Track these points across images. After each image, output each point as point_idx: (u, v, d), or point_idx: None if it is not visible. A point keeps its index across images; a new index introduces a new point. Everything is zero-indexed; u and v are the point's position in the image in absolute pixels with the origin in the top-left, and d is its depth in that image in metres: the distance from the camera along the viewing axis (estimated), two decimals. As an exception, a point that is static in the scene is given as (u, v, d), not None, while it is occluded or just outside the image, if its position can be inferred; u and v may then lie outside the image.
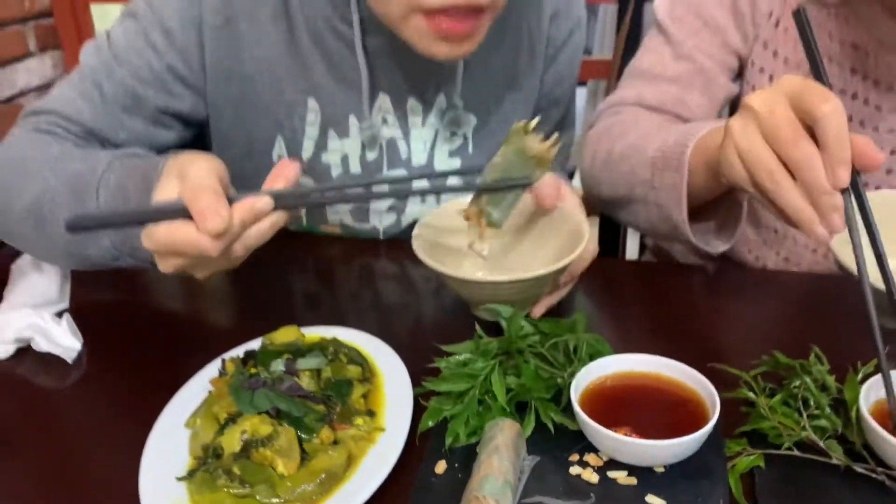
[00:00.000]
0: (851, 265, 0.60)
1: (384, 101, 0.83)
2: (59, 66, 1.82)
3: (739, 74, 0.87)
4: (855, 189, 0.55)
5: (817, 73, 0.56)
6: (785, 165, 0.55)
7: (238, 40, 0.79)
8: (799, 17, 0.55)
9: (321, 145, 0.85)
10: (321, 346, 0.61)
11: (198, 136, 0.88)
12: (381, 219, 0.91)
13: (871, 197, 0.63)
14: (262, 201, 0.55)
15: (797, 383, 0.57)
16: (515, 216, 0.71)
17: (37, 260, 0.80)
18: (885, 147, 0.79)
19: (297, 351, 0.59)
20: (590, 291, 0.75)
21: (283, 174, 0.58)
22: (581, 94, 2.43)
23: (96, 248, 0.66)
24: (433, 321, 0.75)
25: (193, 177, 0.54)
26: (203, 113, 0.84)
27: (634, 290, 0.79)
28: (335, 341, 0.63)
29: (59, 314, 0.74)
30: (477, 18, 0.66)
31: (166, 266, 0.57)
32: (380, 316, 0.75)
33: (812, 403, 0.56)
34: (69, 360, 0.69)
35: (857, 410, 0.53)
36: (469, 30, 0.66)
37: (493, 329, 0.63)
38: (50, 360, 0.69)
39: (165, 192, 0.55)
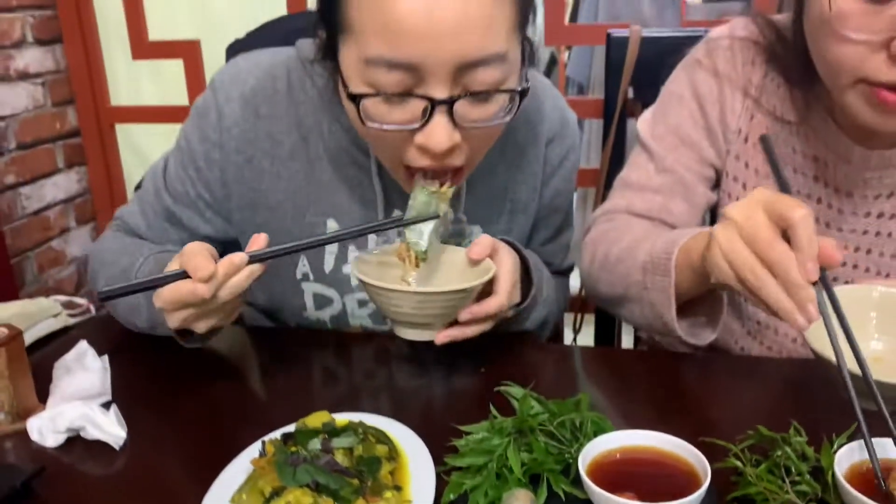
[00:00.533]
0: (824, 352, 0.68)
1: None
2: (83, 181, 1.94)
3: (717, 184, 0.97)
4: (825, 283, 0.64)
5: (783, 186, 0.66)
6: (764, 264, 0.65)
7: (260, 175, 0.91)
8: (765, 142, 0.66)
9: (341, 258, 0.94)
10: (352, 428, 0.68)
11: None
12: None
13: (840, 290, 0.73)
14: (238, 257, 0.74)
15: (779, 453, 0.64)
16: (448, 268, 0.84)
17: (80, 357, 0.87)
18: (849, 245, 0.89)
19: (332, 431, 0.66)
20: (591, 375, 0.83)
21: (257, 243, 0.76)
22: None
23: (139, 320, 0.89)
24: (446, 404, 0.82)
25: (188, 249, 0.74)
26: (232, 235, 0.96)
27: (631, 375, 0.86)
28: (362, 424, 0.70)
29: (105, 405, 0.81)
30: None
31: (174, 320, 0.76)
32: (398, 401, 0.82)
33: (793, 471, 0.63)
34: (116, 447, 0.75)
35: (833, 476, 0.60)
36: None
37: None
38: (97, 448, 0.75)
39: (170, 267, 0.75)
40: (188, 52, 1.75)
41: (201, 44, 1.78)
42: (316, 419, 0.69)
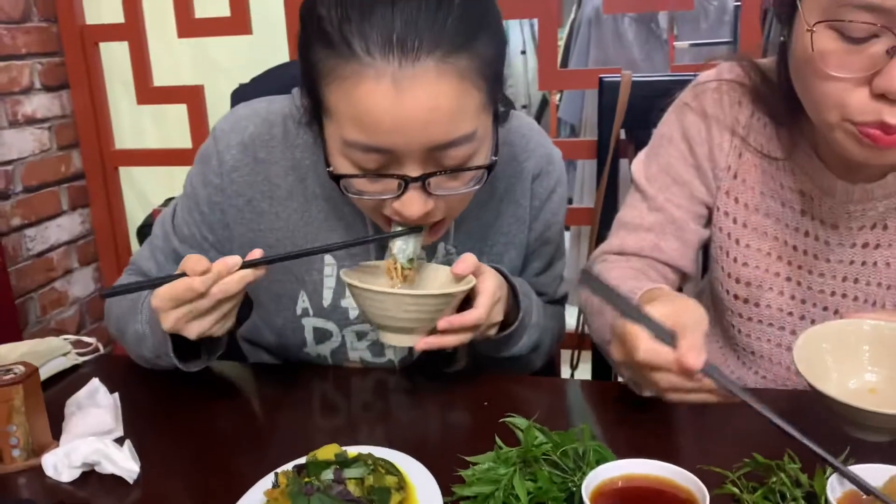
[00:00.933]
0: (816, 382, 0.71)
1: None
2: (86, 223, 1.98)
3: (710, 220, 1.01)
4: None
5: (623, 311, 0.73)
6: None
7: (260, 216, 0.96)
8: (586, 275, 0.73)
9: (339, 292, 0.98)
10: (362, 459, 0.70)
11: None
12: (395, 352, 1.01)
13: (831, 324, 0.77)
14: (232, 258, 0.80)
15: (774, 479, 0.67)
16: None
17: (91, 394, 0.90)
18: (836, 275, 0.92)
19: (344, 462, 0.68)
20: (591, 407, 0.85)
21: (253, 255, 0.83)
22: (566, 237, 2.62)
23: (146, 349, 0.93)
24: (451, 436, 0.84)
25: (186, 257, 0.80)
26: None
27: (630, 406, 0.89)
28: (371, 455, 0.72)
29: (118, 440, 0.83)
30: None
31: (168, 320, 0.80)
32: (403, 434, 0.84)
33: (788, 496, 0.65)
34: (130, 481, 0.77)
35: (826, 500, 0.62)
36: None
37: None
38: (111, 482, 0.77)
39: None
40: (192, 96, 1.80)
41: (204, 89, 1.83)
42: (327, 451, 0.71)
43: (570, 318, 1.18)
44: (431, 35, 0.73)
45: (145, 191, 2.18)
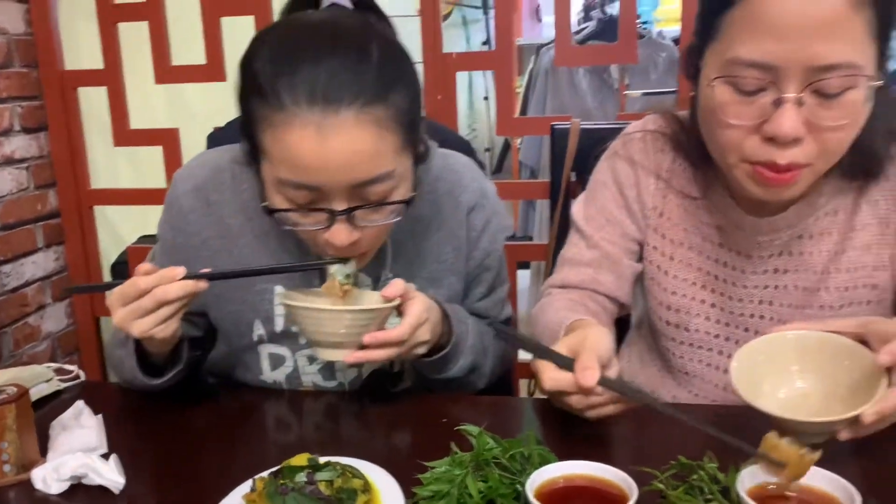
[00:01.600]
0: (753, 401, 0.82)
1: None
2: (60, 259, 2.03)
3: (642, 255, 1.12)
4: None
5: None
6: None
7: (215, 253, 1.06)
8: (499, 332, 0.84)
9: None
10: (332, 465, 0.78)
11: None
12: (345, 375, 1.10)
13: (758, 341, 0.87)
14: (177, 269, 0.89)
15: (696, 477, 0.76)
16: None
17: (77, 415, 0.96)
18: (753, 299, 1.04)
19: (315, 467, 0.76)
20: (538, 419, 0.94)
21: (203, 271, 0.91)
22: (525, 274, 2.73)
23: (126, 370, 1.01)
24: (411, 446, 0.92)
25: None
26: (201, 308, 1.10)
27: (573, 418, 0.97)
28: (339, 463, 0.80)
29: (103, 456, 0.89)
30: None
31: (116, 317, 0.89)
32: (367, 447, 0.92)
33: (706, 490, 0.75)
34: (116, 492, 0.83)
35: (737, 493, 0.72)
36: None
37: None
38: (98, 493, 0.83)
39: None
40: (167, 139, 1.89)
41: (179, 132, 1.92)
42: (299, 459, 0.79)
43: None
44: (351, 89, 0.83)
45: (119, 229, 2.24)
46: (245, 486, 0.78)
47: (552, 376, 0.83)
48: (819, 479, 0.72)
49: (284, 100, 0.83)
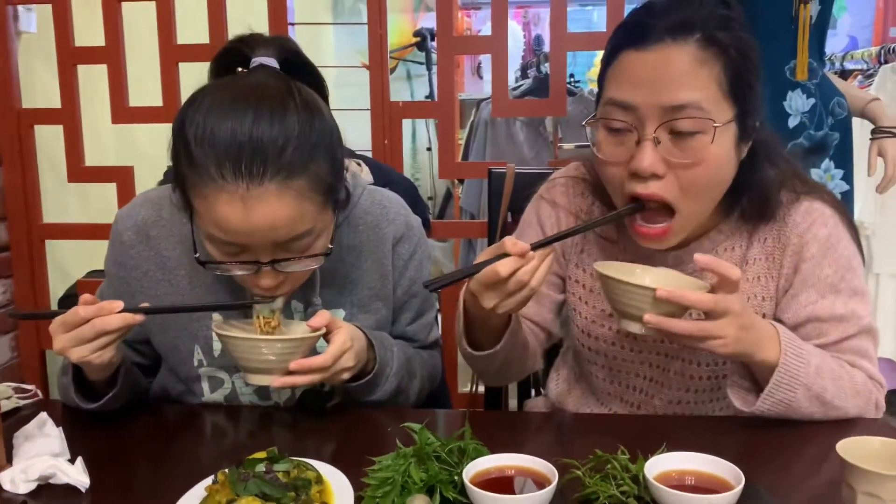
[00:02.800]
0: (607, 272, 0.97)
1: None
2: (7, 293, 2.04)
3: (564, 287, 1.25)
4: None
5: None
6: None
7: (155, 284, 1.16)
8: None
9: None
10: (287, 458, 0.86)
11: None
12: (279, 395, 1.18)
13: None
14: (116, 302, 0.97)
15: (610, 466, 0.87)
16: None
17: (40, 425, 1.02)
18: (651, 338, 1.14)
19: (273, 459, 0.84)
20: (475, 424, 1.04)
21: (143, 305, 1.01)
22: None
23: (71, 396, 1.07)
24: (360, 447, 1.01)
25: None
26: (146, 337, 1.19)
27: (503, 418, 1.08)
28: (294, 458, 0.88)
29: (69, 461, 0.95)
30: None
31: (56, 343, 0.97)
32: (321, 448, 1.01)
33: (619, 478, 0.86)
34: (83, 490, 0.89)
35: (644, 477, 0.83)
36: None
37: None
38: (64, 492, 0.90)
39: None
40: (121, 176, 1.95)
41: (134, 170, 1.99)
42: (259, 455, 0.87)
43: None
44: (274, 164, 0.93)
45: (65, 264, 2.27)
46: (209, 480, 0.86)
47: (496, 267, 0.92)
48: (709, 463, 0.85)
49: (212, 173, 0.92)
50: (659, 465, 0.85)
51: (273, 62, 1.05)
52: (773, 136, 1.12)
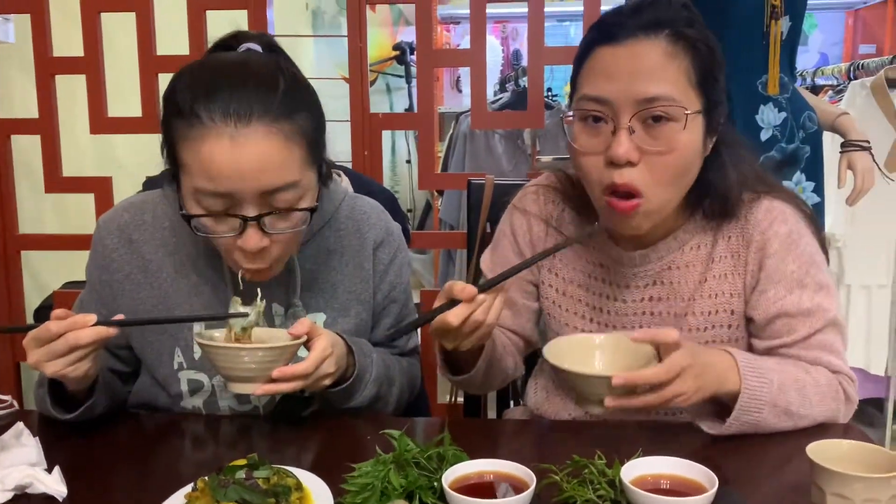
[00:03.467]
0: (561, 365, 0.98)
1: (250, 318, 1.13)
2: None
3: (539, 294, 1.27)
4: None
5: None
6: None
7: (137, 286, 1.16)
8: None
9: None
10: (267, 465, 0.87)
11: None
12: (259, 399, 1.18)
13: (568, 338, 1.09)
14: (89, 316, 0.97)
15: (587, 471, 0.89)
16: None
17: (17, 435, 1.01)
18: (634, 326, 1.18)
19: (253, 465, 0.85)
20: (454, 430, 1.05)
21: (117, 317, 1.01)
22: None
23: (47, 407, 1.06)
24: (340, 454, 1.01)
25: None
26: (126, 342, 1.18)
27: (482, 426, 1.09)
28: (275, 465, 0.89)
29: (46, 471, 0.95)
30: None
31: (30, 357, 0.97)
32: (300, 456, 1.01)
33: (595, 482, 0.87)
34: (60, 499, 0.89)
35: (621, 482, 0.85)
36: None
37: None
38: (41, 502, 0.89)
39: None
40: (100, 187, 1.94)
41: (112, 181, 1.98)
42: (239, 462, 0.88)
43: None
44: (260, 109, 0.97)
45: (41, 275, 2.25)
46: (187, 488, 0.86)
47: (446, 318, 0.97)
48: (683, 467, 0.86)
49: (202, 116, 0.96)
50: (635, 470, 0.87)
51: (259, 49, 1.09)
52: (736, 139, 1.16)
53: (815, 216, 1.18)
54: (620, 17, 1.04)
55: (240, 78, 0.99)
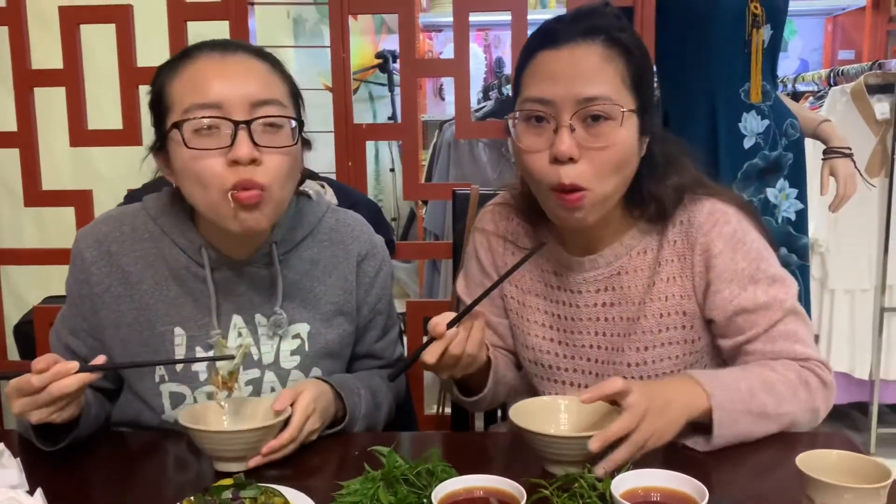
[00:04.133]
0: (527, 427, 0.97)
1: (238, 319, 1.17)
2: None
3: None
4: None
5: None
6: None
7: (117, 299, 1.15)
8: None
9: (190, 357, 1.15)
10: (254, 484, 0.85)
11: None
12: (244, 394, 1.17)
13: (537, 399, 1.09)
14: (70, 363, 0.96)
15: (577, 485, 0.88)
16: None
17: (-1, 456, 0.99)
18: (589, 331, 1.20)
19: (240, 485, 0.83)
20: (442, 443, 1.04)
21: (97, 361, 1.00)
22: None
23: (30, 436, 1.06)
24: (328, 472, 1.00)
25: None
26: (109, 354, 1.16)
27: (470, 440, 1.09)
28: (262, 484, 0.87)
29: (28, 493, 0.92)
30: None
31: (15, 406, 0.97)
32: (288, 474, 1.00)
33: (586, 496, 0.86)
34: (42, 523, 0.87)
35: (611, 496, 0.84)
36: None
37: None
38: (22, 526, 0.87)
39: None
40: (80, 200, 1.92)
41: (93, 194, 1.96)
42: (226, 482, 0.86)
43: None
44: (244, 46, 1.09)
45: (20, 290, 2.22)
46: (171, 510, 0.85)
47: (422, 359, 1.02)
48: (674, 480, 0.86)
49: (192, 52, 1.06)
50: (625, 483, 0.86)
51: None
52: (677, 145, 1.20)
53: (757, 212, 1.21)
54: (561, 23, 1.10)
55: (223, 39, 1.10)
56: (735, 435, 1.03)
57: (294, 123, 1.08)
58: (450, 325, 1.02)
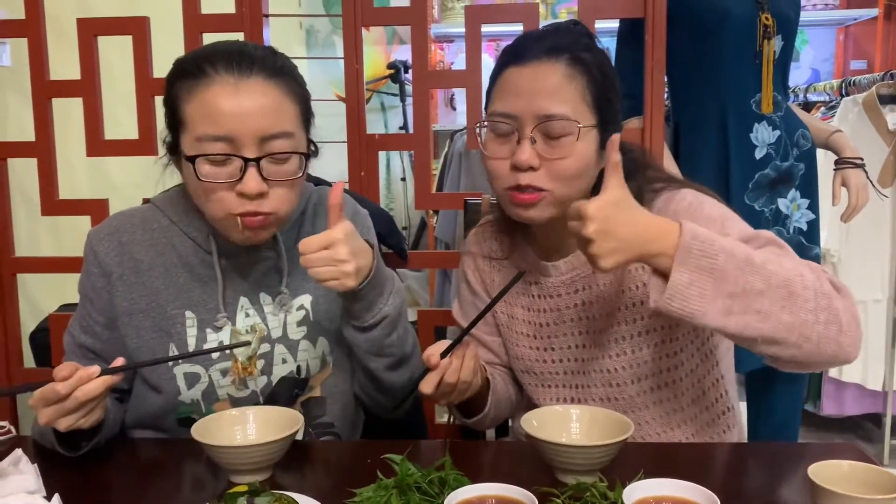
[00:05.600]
0: (538, 436, 0.98)
1: (244, 301, 1.21)
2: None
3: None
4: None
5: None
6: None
7: (130, 286, 1.19)
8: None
9: (201, 338, 1.19)
10: (269, 492, 0.86)
11: None
12: (256, 383, 1.20)
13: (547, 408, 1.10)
14: (92, 368, 0.99)
15: (589, 494, 0.89)
16: None
17: (15, 462, 1.01)
18: (569, 333, 1.23)
19: (255, 492, 0.84)
20: (454, 451, 1.05)
21: (116, 363, 1.04)
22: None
23: (50, 440, 1.08)
24: (341, 480, 1.01)
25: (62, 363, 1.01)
26: (121, 345, 1.19)
27: (482, 448, 1.09)
28: (276, 491, 0.88)
29: (45, 499, 0.94)
30: None
31: (42, 416, 0.99)
32: (301, 482, 1.00)
33: (598, 504, 0.87)
34: (59, 528, 0.88)
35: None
36: None
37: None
38: (40, 531, 0.88)
39: None
40: (96, 209, 1.94)
41: (109, 203, 1.98)
42: (240, 489, 0.87)
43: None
44: (260, 63, 1.09)
45: (35, 298, 2.24)
46: (187, 516, 0.86)
47: (420, 389, 1.08)
48: (685, 490, 0.86)
49: (207, 70, 1.07)
50: (637, 492, 0.86)
51: None
52: (643, 154, 1.27)
53: (718, 196, 1.18)
54: (528, 41, 1.15)
55: (239, 44, 1.12)
56: (707, 271, 0.92)
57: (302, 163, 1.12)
58: (443, 354, 1.07)
